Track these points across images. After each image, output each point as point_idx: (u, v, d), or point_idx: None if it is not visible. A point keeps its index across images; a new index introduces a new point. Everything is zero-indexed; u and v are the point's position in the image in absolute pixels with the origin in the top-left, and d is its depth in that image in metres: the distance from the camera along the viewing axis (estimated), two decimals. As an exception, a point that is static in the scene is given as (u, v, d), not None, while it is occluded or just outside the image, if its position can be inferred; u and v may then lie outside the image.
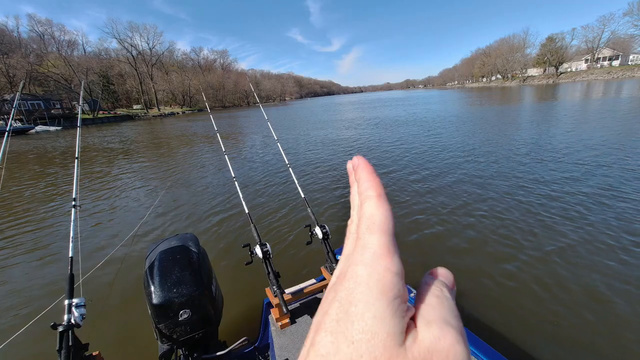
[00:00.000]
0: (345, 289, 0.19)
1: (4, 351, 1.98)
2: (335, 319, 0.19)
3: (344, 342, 0.17)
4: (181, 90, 75.38)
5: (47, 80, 51.64)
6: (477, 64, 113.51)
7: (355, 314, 0.18)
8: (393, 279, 0.19)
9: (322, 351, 0.18)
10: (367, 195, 0.23)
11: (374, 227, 0.21)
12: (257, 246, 2.15)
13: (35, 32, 61.71)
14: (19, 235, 5.32)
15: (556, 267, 3.29)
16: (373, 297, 0.18)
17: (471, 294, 3.01)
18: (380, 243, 0.20)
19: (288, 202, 5.81)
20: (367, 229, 0.21)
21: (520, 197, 5.15)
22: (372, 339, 0.17)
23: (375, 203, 0.22)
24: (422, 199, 5.48)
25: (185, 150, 14.40)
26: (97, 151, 15.86)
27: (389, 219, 0.21)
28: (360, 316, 0.18)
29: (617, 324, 2.53)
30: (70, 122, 41.15)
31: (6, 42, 50.35)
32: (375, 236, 0.20)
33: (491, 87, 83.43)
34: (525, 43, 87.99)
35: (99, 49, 71.52)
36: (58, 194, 7.94)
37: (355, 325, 0.18)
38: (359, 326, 0.18)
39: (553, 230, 3.99)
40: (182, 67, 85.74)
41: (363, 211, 0.22)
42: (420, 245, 3.97)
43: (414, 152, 9.43)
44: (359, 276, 0.19)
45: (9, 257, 4.49)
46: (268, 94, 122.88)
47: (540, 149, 8.35)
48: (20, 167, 12.07)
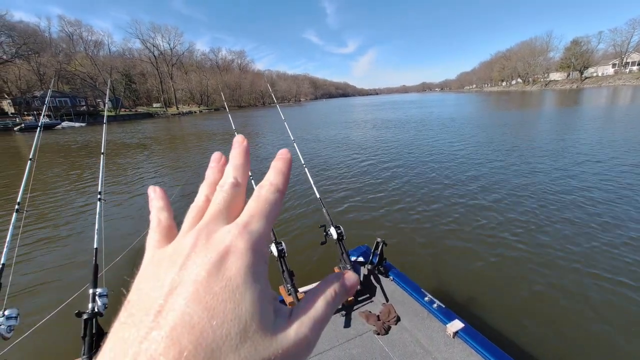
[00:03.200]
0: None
1: (30, 336, 2.08)
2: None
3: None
4: (199, 89, 77.11)
5: (73, 79, 53.98)
6: (496, 67, 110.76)
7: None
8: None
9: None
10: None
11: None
12: (273, 244, 2.19)
13: (65, 33, 64.70)
14: (47, 227, 5.59)
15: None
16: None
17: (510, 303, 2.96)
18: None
19: (303, 202, 5.86)
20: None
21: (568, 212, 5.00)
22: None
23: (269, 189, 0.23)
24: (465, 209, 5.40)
25: (203, 148, 14.76)
26: (119, 147, 16.44)
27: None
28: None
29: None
30: (94, 118, 42.81)
31: (38, 41, 52.96)
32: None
33: (510, 91, 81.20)
34: (548, 46, 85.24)
35: (123, 49, 74.32)
36: (84, 187, 8.31)
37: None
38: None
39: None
40: (201, 67, 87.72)
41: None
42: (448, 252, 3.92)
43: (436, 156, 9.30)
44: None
45: (38, 248, 4.73)
46: (283, 94, 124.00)
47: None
48: (50, 161, 12.65)
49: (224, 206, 0.23)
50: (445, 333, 1.92)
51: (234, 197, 0.23)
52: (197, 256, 0.19)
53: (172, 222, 0.25)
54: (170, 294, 0.18)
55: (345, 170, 8.37)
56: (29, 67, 48.07)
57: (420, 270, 3.52)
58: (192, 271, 0.18)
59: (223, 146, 14.59)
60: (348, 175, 7.80)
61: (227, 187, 0.24)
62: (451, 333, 1.87)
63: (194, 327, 0.16)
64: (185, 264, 0.19)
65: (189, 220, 0.23)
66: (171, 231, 0.24)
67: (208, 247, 0.20)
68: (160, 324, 0.16)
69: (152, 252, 0.22)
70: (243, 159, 0.25)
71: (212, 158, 0.28)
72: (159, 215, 0.25)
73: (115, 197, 7.10)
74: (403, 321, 2.22)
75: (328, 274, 1.42)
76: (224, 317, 0.17)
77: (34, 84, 47.58)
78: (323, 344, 2.10)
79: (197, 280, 0.18)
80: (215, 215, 0.22)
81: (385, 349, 2.04)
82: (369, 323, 2.24)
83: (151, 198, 0.26)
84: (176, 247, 0.21)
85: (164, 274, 0.19)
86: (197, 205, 0.24)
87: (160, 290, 0.18)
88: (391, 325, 2.21)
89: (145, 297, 0.18)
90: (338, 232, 2.37)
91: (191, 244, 0.20)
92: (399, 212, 5.17)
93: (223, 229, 0.21)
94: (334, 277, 0.24)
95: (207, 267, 0.18)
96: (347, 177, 7.62)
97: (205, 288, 0.17)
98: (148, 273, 0.20)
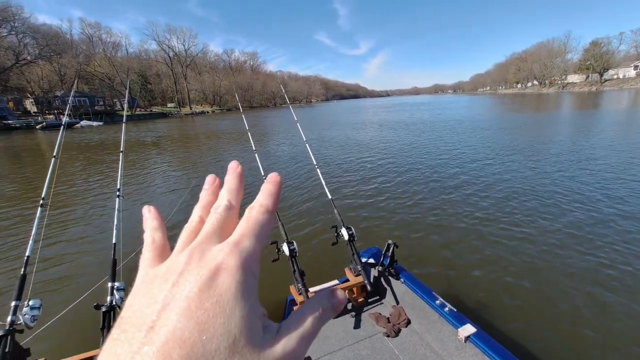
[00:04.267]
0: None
1: (52, 327, 2.17)
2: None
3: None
4: (212, 90, 78.37)
5: (92, 79, 55.73)
6: (511, 69, 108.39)
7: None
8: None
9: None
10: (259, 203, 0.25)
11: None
12: (285, 244, 2.22)
13: (85, 34, 66.97)
14: (69, 222, 5.80)
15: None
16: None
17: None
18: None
19: (315, 203, 5.89)
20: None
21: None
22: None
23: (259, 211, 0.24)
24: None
25: (216, 147, 15.01)
26: (134, 145, 16.88)
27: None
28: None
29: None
30: (111, 117, 44.09)
31: (60, 43, 54.97)
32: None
33: (526, 93, 79.30)
34: (566, 47, 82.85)
35: (139, 50, 76.32)
36: (103, 183, 8.57)
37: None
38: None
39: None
40: (214, 68, 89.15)
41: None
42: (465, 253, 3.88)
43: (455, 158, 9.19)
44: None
45: (60, 242, 4.92)
46: (294, 95, 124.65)
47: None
48: (71, 158, 13.10)
49: (218, 227, 0.23)
50: (457, 337, 1.90)
51: (227, 219, 0.24)
52: (189, 274, 0.20)
53: (166, 241, 0.26)
54: (163, 310, 0.18)
55: (356, 171, 8.36)
56: (51, 68, 49.96)
57: (432, 273, 3.49)
58: (184, 288, 0.19)
59: (235, 145, 14.79)
60: (360, 176, 7.78)
61: (220, 209, 0.24)
62: (463, 337, 1.85)
63: (184, 342, 0.16)
64: (178, 281, 0.19)
65: (182, 239, 0.24)
66: (164, 250, 0.25)
67: (201, 264, 0.20)
68: (152, 339, 0.17)
69: (146, 271, 0.22)
70: (237, 183, 0.27)
71: (207, 181, 0.29)
72: (152, 235, 0.25)
73: (133, 194, 7.30)
74: (413, 324, 2.21)
75: (340, 275, 1.46)
76: (214, 332, 0.17)
77: (55, 84, 49.40)
78: (333, 344, 2.11)
79: (189, 297, 0.18)
80: (208, 235, 0.23)
81: (395, 352, 2.04)
82: (379, 325, 2.24)
83: (145, 217, 0.27)
84: (169, 265, 0.21)
85: (157, 291, 0.19)
86: (191, 225, 0.25)
87: (153, 307, 0.18)
88: (401, 327, 2.20)
89: (138, 313, 0.18)
90: (349, 233, 2.38)
91: (184, 262, 0.21)
92: (411, 215, 5.14)
93: (215, 248, 0.21)
94: (323, 295, 0.24)
95: (199, 284, 0.19)
96: (359, 178, 7.61)
97: (197, 304, 0.18)
98: (141, 291, 0.20)
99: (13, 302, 1.72)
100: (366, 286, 2.27)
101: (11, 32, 46.58)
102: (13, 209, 6.62)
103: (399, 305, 2.35)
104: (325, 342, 2.12)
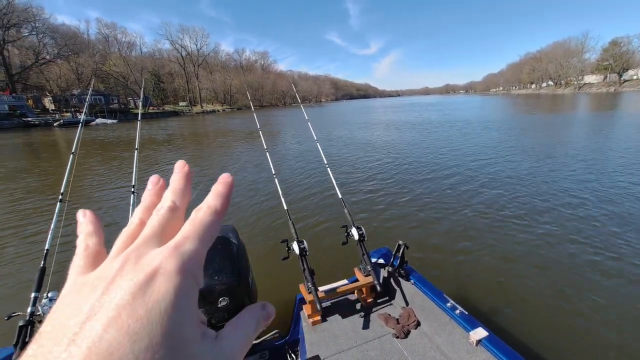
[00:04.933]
0: None
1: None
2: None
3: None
4: (223, 89, 79.29)
5: (107, 78, 57.12)
6: (525, 69, 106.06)
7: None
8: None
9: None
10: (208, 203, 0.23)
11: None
12: (295, 242, 2.22)
13: (102, 35, 68.66)
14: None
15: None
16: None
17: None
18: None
19: (325, 202, 5.89)
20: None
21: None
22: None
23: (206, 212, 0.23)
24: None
25: (227, 145, 15.16)
26: (147, 142, 17.21)
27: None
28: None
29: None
30: (125, 115, 45.10)
31: (78, 43, 56.54)
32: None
33: (541, 94, 77.41)
34: (583, 47, 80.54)
35: (153, 50, 77.80)
36: (118, 179, 8.77)
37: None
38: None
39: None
40: (225, 67, 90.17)
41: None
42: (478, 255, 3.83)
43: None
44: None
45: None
46: (304, 94, 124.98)
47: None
48: (87, 154, 13.47)
49: (159, 230, 0.22)
50: (468, 340, 1.87)
51: (170, 221, 0.22)
52: (122, 279, 0.18)
53: (102, 247, 0.23)
54: (87, 321, 0.16)
55: (367, 170, 8.33)
56: (69, 67, 51.47)
57: (443, 275, 3.45)
58: (115, 295, 0.17)
59: (246, 143, 14.93)
60: (370, 176, 7.75)
61: (163, 211, 0.23)
62: (474, 341, 1.82)
63: (112, 354, 0.15)
64: (109, 288, 0.18)
65: (118, 244, 0.22)
66: (99, 257, 0.22)
67: (136, 269, 0.18)
68: (72, 353, 0.15)
69: (74, 279, 0.20)
70: (183, 183, 0.25)
71: (150, 181, 0.27)
72: (86, 241, 0.23)
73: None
74: (423, 326, 2.19)
75: (349, 274, 1.46)
76: (149, 342, 0.16)
77: (72, 82, 50.86)
78: (342, 343, 2.11)
79: (120, 305, 0.17)
80: (147, 239, 0.21)
81: (405, 353, 2.02)
82: (388, 326, 2.23)
83: (80, 222, 0.24)
84: (101, 272, 0.20)
85: (83, 300, 0.17)
86: (130, 229, 0.23)
87: (77, 318, 0.16)
88: (411, 329, 2.19)
89: (59, 326, 0.16)
90: (359, 233, 2.37)
91: (117, 268, 0.19)
92: (422, 216, 5.08)
93: (154, 252, 0.20)
94: (256, 306, 0.24)
95: (132, 290, 0.17)
96: (369, 177, 7.58)
97: (128, 312, 0.16)
98: (66, 302, 0.18)
99: (33, 293, 1.78)
100: (376, 286, 2.26)
101: (32, 32, 48.19)
102: (33, 203, 6.84)
103: (408, 307, 2.33)
104: (334, 342, 2.12)
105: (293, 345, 2.20)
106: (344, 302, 2.47)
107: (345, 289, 2.36)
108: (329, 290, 2.35)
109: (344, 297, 2.49)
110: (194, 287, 0.19)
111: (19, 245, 4.72)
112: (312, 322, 2.24)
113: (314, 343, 2.11)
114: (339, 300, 2.46)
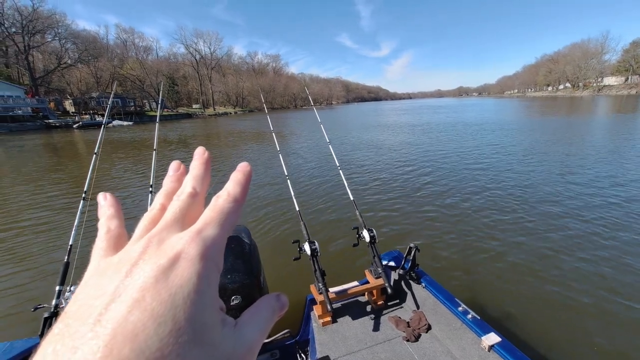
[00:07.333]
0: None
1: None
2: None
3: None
4: (235, 92, 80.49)
5: (125, 81, 58.88)
6: (542, 71, 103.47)
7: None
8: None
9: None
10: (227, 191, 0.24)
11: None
12: (306, 243, 2.25)
13: (120, 39, 70.95)
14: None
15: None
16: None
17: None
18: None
19: (337, 204, 5.91)
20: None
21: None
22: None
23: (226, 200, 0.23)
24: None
25: (240, 146, 15.39)
26: (161, 142, 17.63)
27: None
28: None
29: None
30: (140, 118, 46.37)
31: (97, 47, 58.63)
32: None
33: (558, 96, 75.30)
34: (603, 48, 78.05)
35: (168, 54, 79.81)
36: (136, 178, 9.05)
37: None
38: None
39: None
40: (238, 70, 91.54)
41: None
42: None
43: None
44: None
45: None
46: (315, 97, 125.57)
47: None
48: (106, 154, 13.93)
49: (180, 215, 0.22)
50: (480, 346, 1.85)
51: (191, 207, 0.23)
52: (145, 263, 0.18)
53: (123, 230, 0.24)
54: (112, 302, 0.16)
55: (379, 173, 8.31)
56: (88, 71, 53.36)
57: (454, 279, 3.41)
58: (138, 278, 0.17)
59: (258, 145, 15.12)
60: (382, 178, 7.73)
61: (184, 196, 0.23)
62: (486, 346, 1.80)
63: (137, 336, 0.15)
64: (132, 270, 0.18)
65: (140, 228, 0.22)
66: (121, 240, 0.23)
67: (158, 253, 0.19)
68: (97, 333, 0.15)
69: (98, 262, 0.21)
70: (203, 170, 0.25)
71: (171, 167, 0.27)
72: (108, 224, 0.24)
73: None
74: (434, 330, 2.18)
75: (360, 276, 1.51)
76: (172, 326, 0.16)
77: (91, 85, 52.70)
78: (352, 345, 2.12)
79: (144, 287, 0.17)
80: (169, 223, 0.21)
81: (415, 357, 2.01)
82: (399, 329, 2.22)
83: (100, 205, 0.25)
84: (124, 255, 0.20)
85: (108, 282, 0.18)
86: (152, 213, 0.23)
87: (102, 299, 0.17)
88: (421, 333, 2.18)
89: (85, 307, 0.17)
90: (370, 235, 2.38)
91: (140, 251, 0.19)
92: (434, 219, 5.03)
93: (176, 236, 0.20)
94: (271, 296, 0.24)
95: (155, 273, 0.18)
96: (381, 180, 7.55)
97: (152, 295, 0.17)
98: (90, 283, 0.19)
99: (57, 286, 1.86)
100: (386, 289, 2.26)
101: (55, 37, 50.22)
102: (57, 201, 7.12)
103: (419, 310, 2.32)
104: (344, 343, 2.13)
105: (303, 345, 2.22)
106: (355, 303, 2.48)
107: (355, 291, 2.37)
108: (340, 292, 2.37)
109: (355, 298, 2.50)
110: (215, 273, 0.20)
111: (45, 240, 4.93)
112: (322, 322, 2.26)
113: (324, 343, 2.13)
114: (350, 302, 2.48)
